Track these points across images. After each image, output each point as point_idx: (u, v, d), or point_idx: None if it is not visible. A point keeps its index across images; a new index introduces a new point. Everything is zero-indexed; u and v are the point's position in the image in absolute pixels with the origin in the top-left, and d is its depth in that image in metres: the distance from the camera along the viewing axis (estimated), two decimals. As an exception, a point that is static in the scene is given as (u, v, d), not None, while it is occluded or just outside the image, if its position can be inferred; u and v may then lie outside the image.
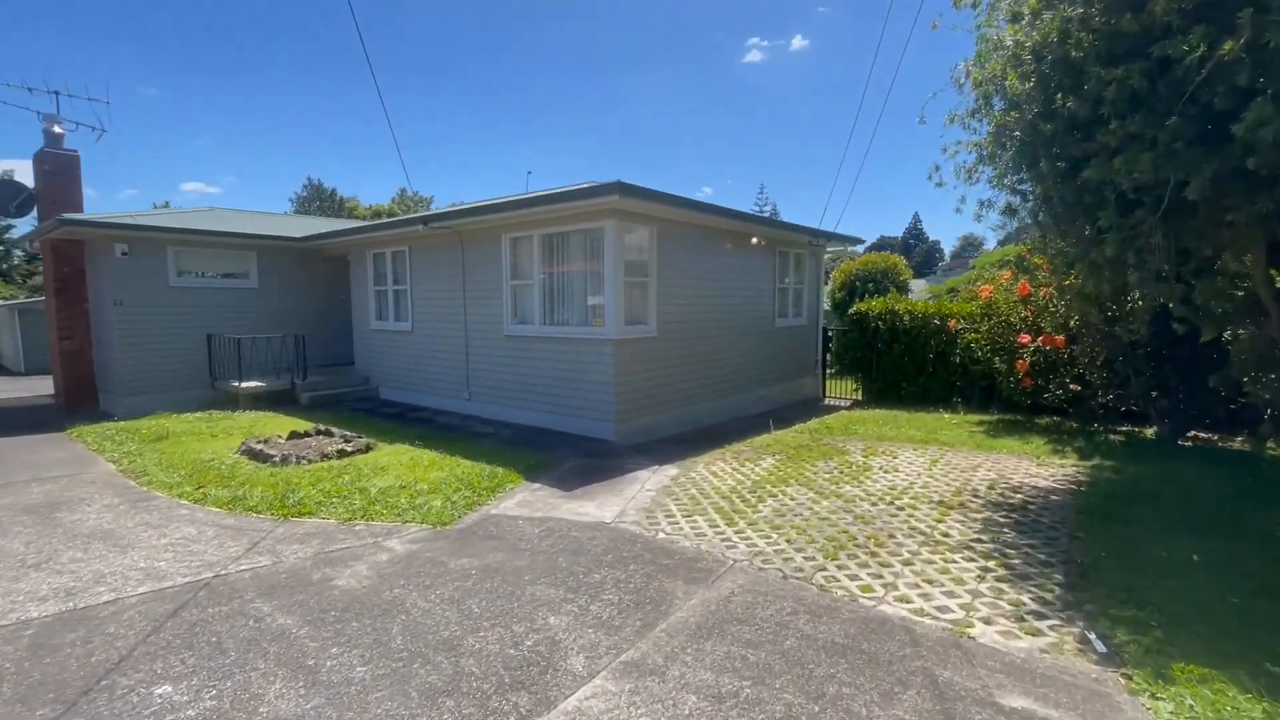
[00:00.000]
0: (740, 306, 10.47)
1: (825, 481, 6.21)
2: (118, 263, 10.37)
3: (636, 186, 7.21)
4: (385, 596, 3.64)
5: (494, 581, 3.87)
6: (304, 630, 3.22)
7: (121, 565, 4.10)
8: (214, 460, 6.88)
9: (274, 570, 4.01)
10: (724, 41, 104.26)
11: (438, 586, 3.78)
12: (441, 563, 4.15)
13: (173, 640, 3.13)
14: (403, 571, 4.01)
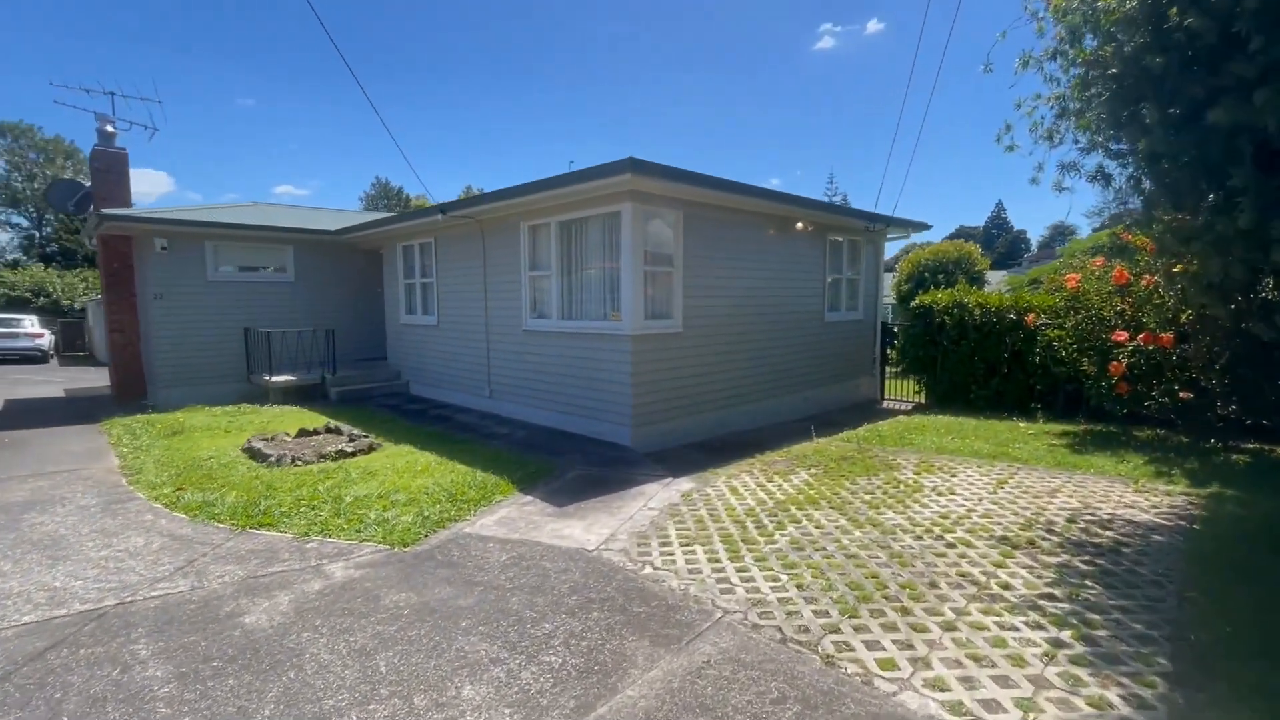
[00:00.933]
0: (783, 300, 9.47)
1: (863, 504, 5.24)
2: (158, 257, 10.53)
3: (651, 163, 6.41)
4: (288, 643, 3.06)
5: (424, 627, 3.22)
6: (168, 688, 2.68)
7: (35, 583, 3.74)
8: (212, 459, 6.64)
9: (186, 599, 3.53)
10: (793, 30, 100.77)
11: (355, 631, 3.17)
12: (376, 597, 3.55)
13: (8, 695, 2.65)
14: (327, 607, 3.43)
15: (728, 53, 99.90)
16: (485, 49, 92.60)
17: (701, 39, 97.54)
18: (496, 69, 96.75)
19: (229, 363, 11.40)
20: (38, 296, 26.76)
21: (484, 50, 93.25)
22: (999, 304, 9.71)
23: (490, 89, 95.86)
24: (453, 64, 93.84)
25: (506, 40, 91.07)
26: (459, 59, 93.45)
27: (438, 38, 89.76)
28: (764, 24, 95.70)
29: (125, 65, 65.99)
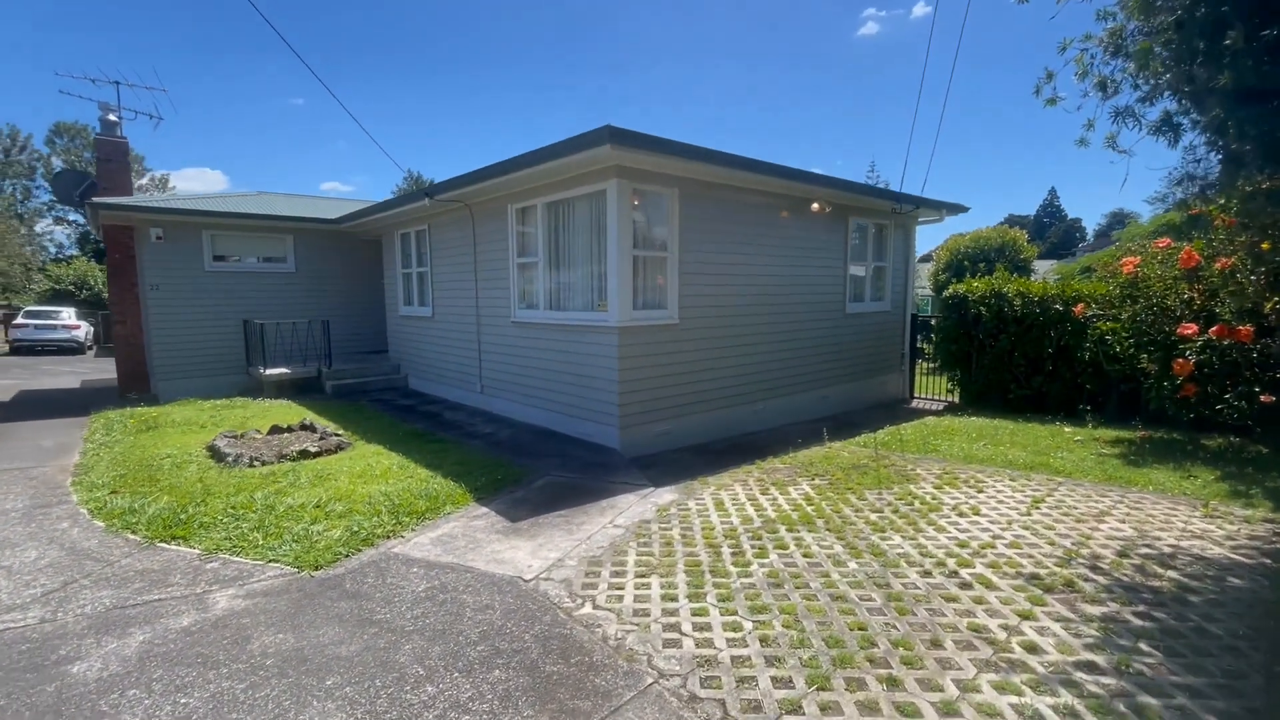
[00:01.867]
0: (798, 289, 8.62)
1: (866, 526, 4.44)
2: (154, 247, 10.33)
3: (632, 133, 5.68)
4: (103, 704, 2.49)
5: (280, 685, 2.62)
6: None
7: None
8: (169, 458, 6.24)
9: (25, 635, 3.02)
10: (835, 15, 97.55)
11: (195, 689, 2.59)
12: (246, 639, 2.97)
13: None
14: (180, 652, 2.86)
15: (768, 38, 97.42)
16: (516, 38, 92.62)
17: (741, 24, 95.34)
18: (530, 59, 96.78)
19: (228, 355, 11.18)
20: (80, 289, 27.62)
21: (515, 40, 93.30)
22: (1043, 293, 8.64)
23: (524, 81, 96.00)
24: (490, 51, 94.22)
25: (535, 30, 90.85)
26: (494, 46, 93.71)
27: (472, 28, 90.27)
28: (805, 9, 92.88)
29: (179, 67, 68.29)
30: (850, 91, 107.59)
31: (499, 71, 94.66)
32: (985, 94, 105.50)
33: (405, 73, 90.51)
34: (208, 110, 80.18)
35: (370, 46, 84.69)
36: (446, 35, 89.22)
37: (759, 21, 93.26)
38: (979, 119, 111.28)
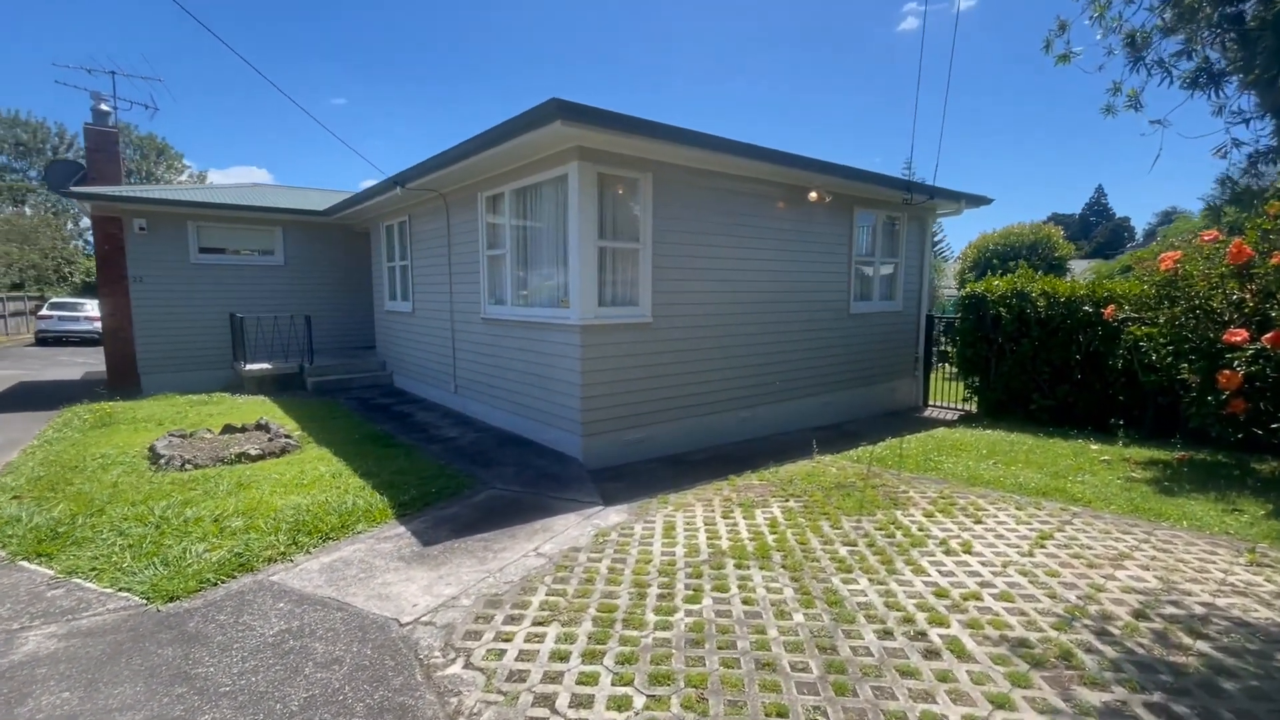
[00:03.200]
0: (794, 286, 7.89)
1: (831, 563, 3.75)
2: (136, 238, 10.13)
3: (584, 107, 5.06)
4: None
5: (19, 770, 2.10)
6: None
7: None
8: (101, 458, 5.89)
9: None
10: (876, 9, 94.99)
11: (-88, 771, 2.09)
12: (22, 699, 2.47)
13: None
14: (-62, 713, 2.37)
15: (809, 31, 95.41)
16: (559, 38, 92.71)
17: (781, 17, 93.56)
18: (571, 60, 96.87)
19: (214, 349, 10.94)
20: (110, 283, 28.21)
21: (560, 39, 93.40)
22: (1070, 293, 7.73)
23: (572, 82, 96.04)
24: (527, 54, 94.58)
25: (579, 28, 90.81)
26: (532, 47, 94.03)
27: (511, 30, 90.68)
28: (845, 5, 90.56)
29: (221, 68, 70.17)
30: (888, 88, 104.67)
31: (548, 72, 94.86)
32: (1031, 88, 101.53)
33: (438, 74, 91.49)
34: (255, 110, 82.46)
35: (408, 45, 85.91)
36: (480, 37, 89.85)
37: (802, 12, 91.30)
38: (1024, 113, 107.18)
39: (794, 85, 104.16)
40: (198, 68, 61.97)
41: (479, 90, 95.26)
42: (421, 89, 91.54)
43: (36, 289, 30.09)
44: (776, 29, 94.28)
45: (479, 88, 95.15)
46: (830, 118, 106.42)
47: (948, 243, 21.05)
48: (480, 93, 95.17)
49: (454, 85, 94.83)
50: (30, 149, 43.55)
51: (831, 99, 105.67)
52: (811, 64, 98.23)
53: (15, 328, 25.07)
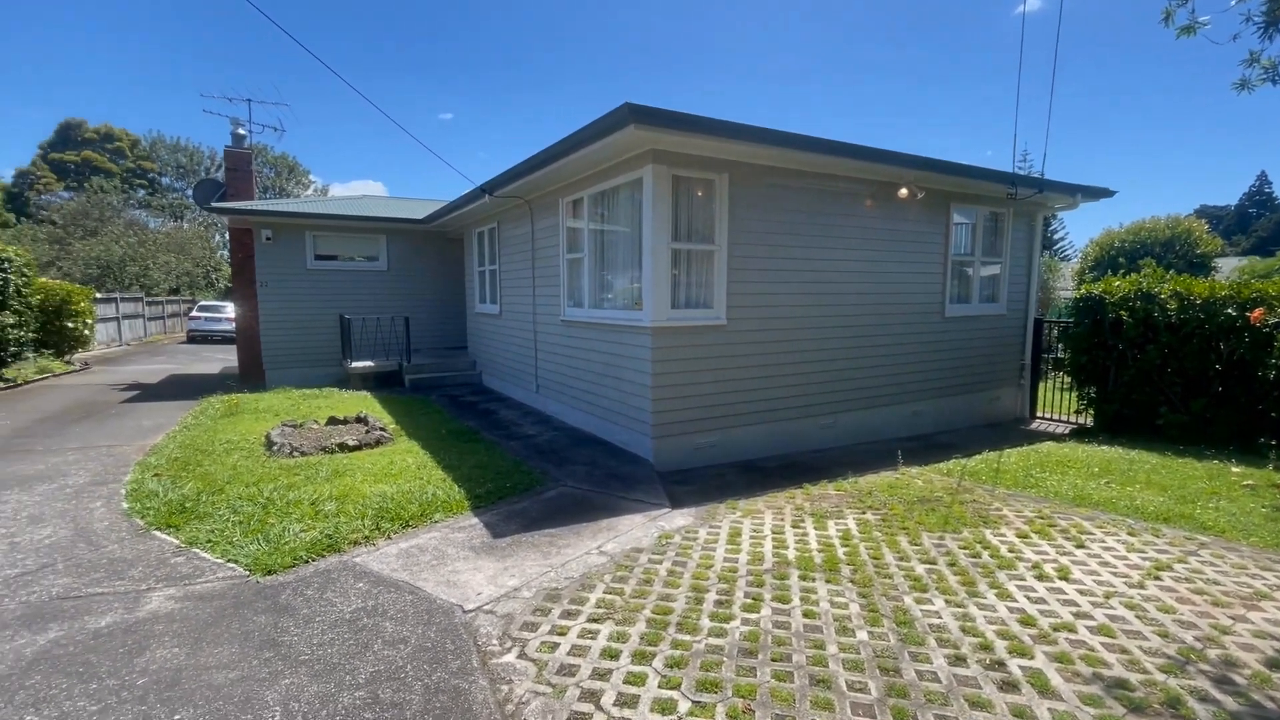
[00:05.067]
0: (881, 287, 7.52)
1: (905, 581, 3.53)
2: (264, 247, 11.27)
3: (658, 111, 5.08)
4: (-42, 710, 2.38)
5: (122, 715, 2.38)
6: None
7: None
8: (227, 444, 6.59)
9: None
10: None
11: (47, 705, 2.42)
12: (141, 650, 2.79)
13: None
14: (69, 657, 2.75)
15: (919, 20, 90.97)
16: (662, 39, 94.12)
17: (892, 8, 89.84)
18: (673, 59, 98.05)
19: (326, 347, 11.96)
20: (248, 287, 31.56)
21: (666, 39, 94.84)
22: (1209, 294, 6.85)
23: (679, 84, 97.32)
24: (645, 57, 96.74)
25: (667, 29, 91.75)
26: (643, 52, 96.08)
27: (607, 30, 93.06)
28: None
29: (347, 96, 76.89)
30: (1001, 77, 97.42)
31: (658, 72, 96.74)
32: (1174, 67, 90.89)
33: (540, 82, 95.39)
34: (372, 128, 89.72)
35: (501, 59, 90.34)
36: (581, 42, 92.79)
37: (904, 10, 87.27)
38: (1168, 101, 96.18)
39: (902, 79, 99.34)
40: (326, 93, 68.92)
41: (577, 97, 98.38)
42: (521, 99, 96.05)
43: (190, 293, 34.19)
44: (882, 20, 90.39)
45: (577, 94, 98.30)
46: (937, 113, 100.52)
47: (1069, 240, 19.32)
48: (577, 99, 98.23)
49: (554, 93, 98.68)
50: (188, 170, 49.59)
51: (938, 93, 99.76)
52: (921, 56, 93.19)
53: (172, 327, 28.62)
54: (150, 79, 75.01)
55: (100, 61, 73.37)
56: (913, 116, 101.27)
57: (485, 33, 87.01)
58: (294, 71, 75.37)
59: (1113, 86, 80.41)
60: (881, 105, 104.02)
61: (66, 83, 71.66)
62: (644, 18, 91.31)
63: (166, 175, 50.06)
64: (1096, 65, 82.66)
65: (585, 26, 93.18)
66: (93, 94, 73.37)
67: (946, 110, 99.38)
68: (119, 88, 73.95)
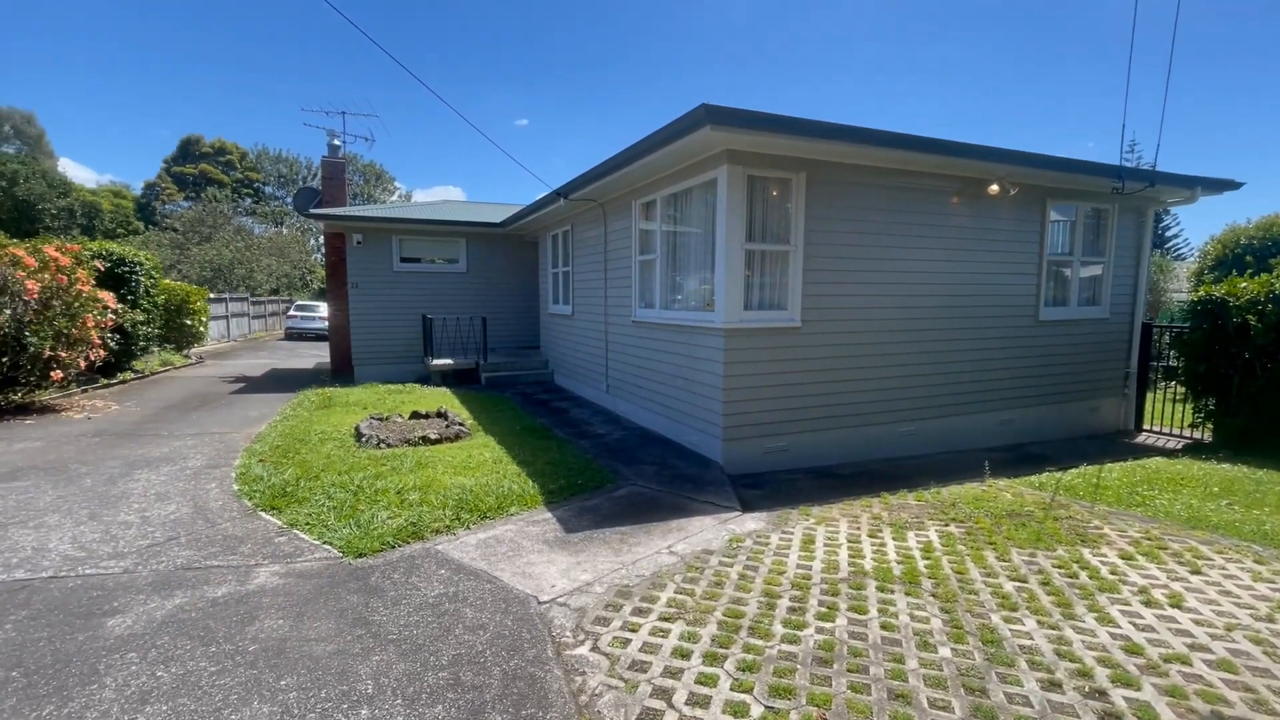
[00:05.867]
0: (969, 288, 7.16)
1: (992, 598, 3.35)
2: (355, 250, 12.01)
3: (735, 111, 5.04)
4: (101, 662, 2.66)
5: (236, 677, 2.60)
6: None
7: (33, 540, 4.03)
8: (321, 434, 7.06)
9: (101, 582, 3.42)
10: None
11: (173, 663, 2.67)
12: (251, 619, 3.04)
13: None
14: (195, 621, 3.02)
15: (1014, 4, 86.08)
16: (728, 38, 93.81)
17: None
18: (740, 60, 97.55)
19: (409, 345, 12.60)
20: (339, 288, 33.70)
21: (728, 39, 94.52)
22: (1355, 296, 6.09)
23: (739, 84, 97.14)
24: (699, 58, 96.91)
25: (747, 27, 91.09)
26: (703, 51, 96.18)
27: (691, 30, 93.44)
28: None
29: (430, 105, 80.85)
30: (1103, 65, 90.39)
31: (726, 71, 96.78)
32: None
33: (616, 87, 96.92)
34: (453, 135, 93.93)
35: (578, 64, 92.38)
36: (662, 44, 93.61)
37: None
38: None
39: (995, 67, 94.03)
40: (408, 102, 73.02)
41: (651, 98, 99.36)
42: (594, 103, 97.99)
43: (288, 293, 36.86)
44: (972, 7, 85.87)
45: (651, 95, 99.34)
46: (1034, 103, 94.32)
47: (1184, 238, 17.67)
48: (653, 100, 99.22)
49: (627, 94, 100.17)
50: (288, 179, 53.48)
51: (1030, 81, 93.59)
52: (1012, 41, 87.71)
53: (272, 325, 30.94)
54: (256, 95, 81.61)
55: (215, 82, 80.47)
56: (1002, 108, 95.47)
57: (561, 40, 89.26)
58: (380, 84, 79.91)
59: (1238, 64, 72.39)
60: (966, 96, 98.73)
61: (188, 102, 79.03)
62: (720, 17, 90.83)
63: (269, 184, 54.20)
64: (1219, 42, 74.71)
65: (660, 28, 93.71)
66: (209, 112, 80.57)
67: (1040, 101, 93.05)
68: (230, 105, 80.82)
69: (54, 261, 8.69)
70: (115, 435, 7.24)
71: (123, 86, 79.51)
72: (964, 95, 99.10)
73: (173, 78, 79.21)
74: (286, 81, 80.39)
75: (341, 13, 5.61)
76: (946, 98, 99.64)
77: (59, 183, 38.26)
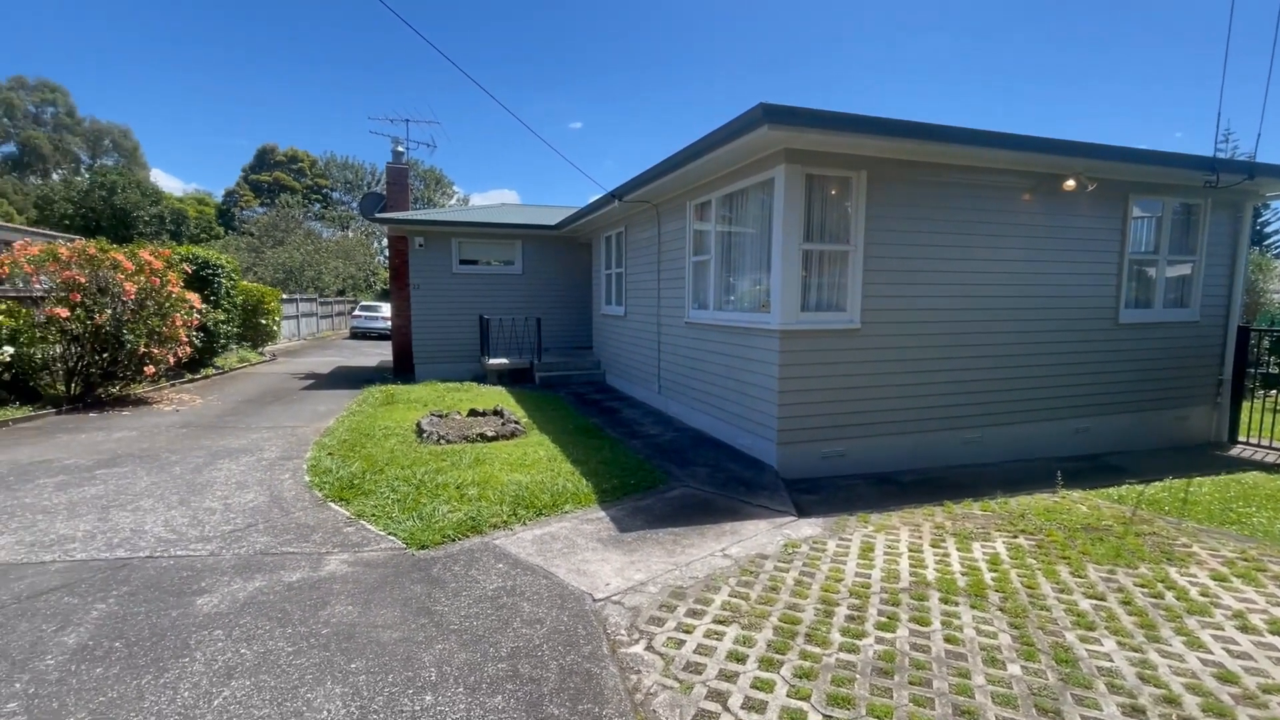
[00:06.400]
0: (1040, 290, 6.82)
1: (1067, 616, 3.18)
2: (416, 253, 12.45)
3: (794, 109, 4.96)
4: (192, 637, 2.85)
5: (311, 658, 2.73)
6: (59, 659, 2.64)
7: (128, 525, 4.37)
8: (385, 429, 7.35)
9: (191, 563, 3.66)
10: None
11: (255, 641, 2.83)
12: (323, 604, 3.19)
13: None
14: (272, 603, 3.20)
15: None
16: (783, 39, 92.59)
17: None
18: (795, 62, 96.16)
19: (467, 344, 12.96)
20: (401, 290, 35.01)
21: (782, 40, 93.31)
22: None
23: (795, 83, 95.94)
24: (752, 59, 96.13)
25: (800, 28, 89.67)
26: (757, 52, 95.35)
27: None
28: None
29: (485, 110, 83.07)
30: (1191, 48, 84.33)
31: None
32: None
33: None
34: (507, 140, 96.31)
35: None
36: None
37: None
38: None
39: (1066, 55, 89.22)
40: (463, 105, 75.43)
41: (701, 100, 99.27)
42: (648, 106, 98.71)
43: (352, 294, 38.56)
44: None
45: (702, 98, 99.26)
46: (1114, 95, 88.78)
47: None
48: (703, 102, 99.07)
49: (677, 95, 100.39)
50: (354, 185, 55.87)
51: (1109, 72, 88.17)
52: (1089, 28, 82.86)
53: (338, 324, 32.42)
54: (325, 104, 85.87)
55: (288, 93, 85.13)
56: (1076, 97, 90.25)
57: (615, 43, 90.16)
58: (439, 89, 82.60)
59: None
60: (1037, 87, 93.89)
61: (264, 113, 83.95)
62: (773, 15, 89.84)
63: (336, 190, 56.79)
64: (1325, 24, 68.13)
65: (712, 28, 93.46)
66: (282, 122, 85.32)
67: (1118, 90, 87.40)
68: (302, 114, 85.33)
69: (148, 265, 9.37)
70: (200, 427, 7.75)
71: (207, 100, 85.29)
72: (1030, 85, 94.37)
73: (251, 91, 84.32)
74: (353, 91, 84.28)
75: (411, 25, 5.83)
76: (1015, 92, 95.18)
77: (151, 191, 41.26)
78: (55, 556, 3.80)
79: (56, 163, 51.31)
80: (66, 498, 4.91)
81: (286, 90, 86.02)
